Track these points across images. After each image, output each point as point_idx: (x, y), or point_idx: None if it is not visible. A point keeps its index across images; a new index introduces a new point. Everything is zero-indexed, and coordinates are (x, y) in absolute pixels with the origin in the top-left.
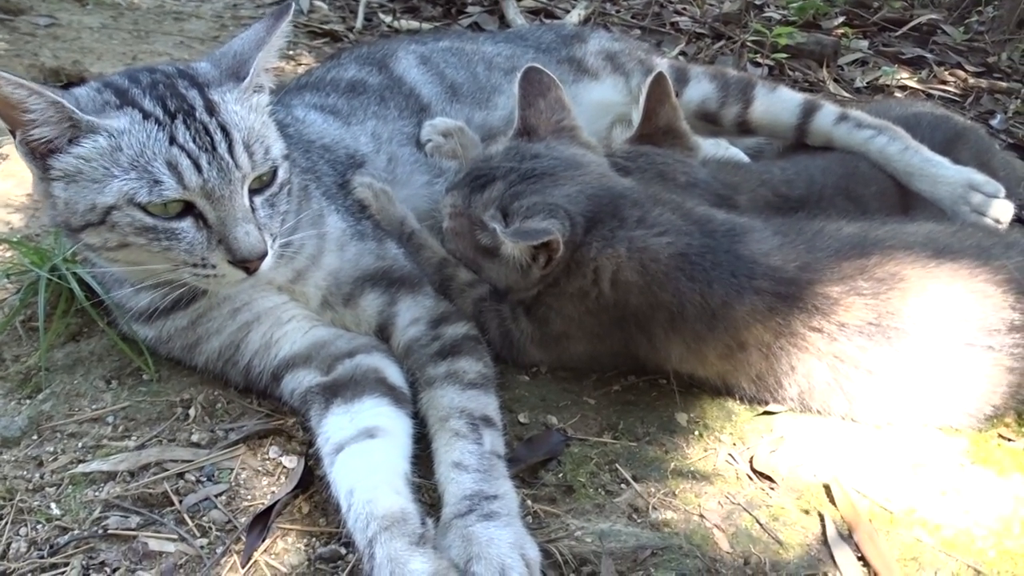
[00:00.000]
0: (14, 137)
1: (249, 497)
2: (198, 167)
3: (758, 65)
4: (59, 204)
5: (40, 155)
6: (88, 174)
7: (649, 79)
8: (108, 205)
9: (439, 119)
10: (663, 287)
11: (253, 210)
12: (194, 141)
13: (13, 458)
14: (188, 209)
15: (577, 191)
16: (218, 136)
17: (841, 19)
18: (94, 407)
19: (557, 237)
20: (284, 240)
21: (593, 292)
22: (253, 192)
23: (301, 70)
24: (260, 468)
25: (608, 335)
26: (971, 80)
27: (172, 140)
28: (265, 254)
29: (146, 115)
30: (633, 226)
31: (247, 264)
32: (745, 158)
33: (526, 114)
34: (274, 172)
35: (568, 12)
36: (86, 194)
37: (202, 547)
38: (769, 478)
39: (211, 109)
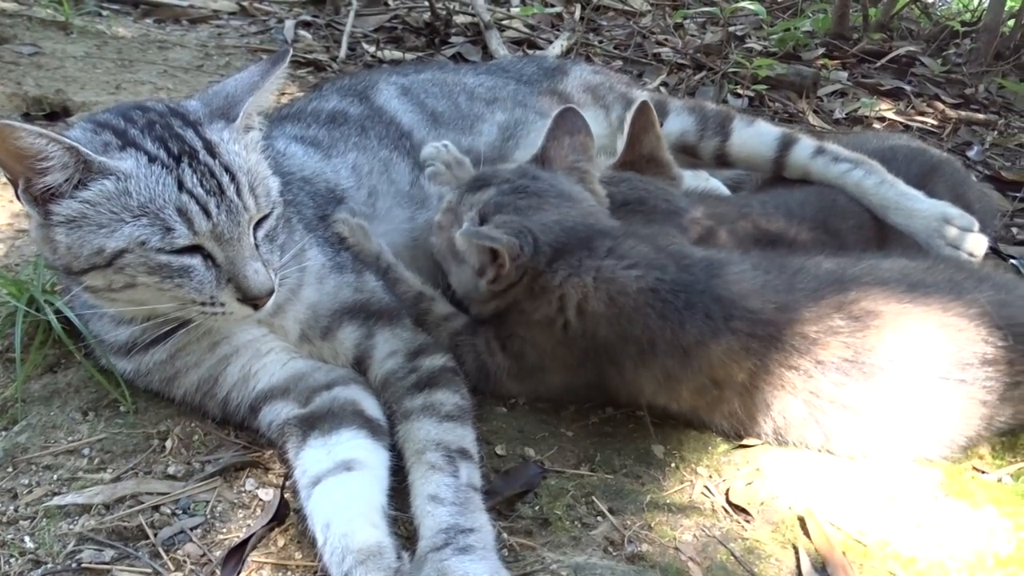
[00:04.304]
0: (15, 187)
1: (224, 530)
2: (207, 212)
3: (739, 96)
4: (60, 248)
5: (42, 201)
6: (94, 218)
7: (634, 106)
8: (118, 249)
9: (448, 144)
10: (632, 321)
11: (256, 246)
12: (202, 185)
13: None
14: (197, 247)
15: (555, 221)
16: (225, 179)
17: (821, 51)
18: (70, 439)
19: (502, 251)
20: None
21: (560, 320)
22: (254, 228)
23: (285, 99)
24: (236, 501)
25: (581, 367)
26: (949, 112)
27: (181, 185)
28: (273, 290)
29: (151, 158)
30: (602, 256)
31: (256, 301)
32: (725, 190)
33: (548, 145)
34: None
35: (551, 43)
36: (92, 238)
37: None
38: (745, 511)
39: (211, 150)
